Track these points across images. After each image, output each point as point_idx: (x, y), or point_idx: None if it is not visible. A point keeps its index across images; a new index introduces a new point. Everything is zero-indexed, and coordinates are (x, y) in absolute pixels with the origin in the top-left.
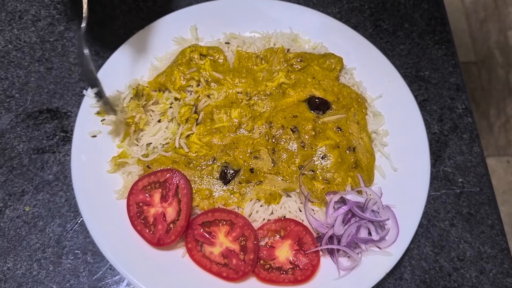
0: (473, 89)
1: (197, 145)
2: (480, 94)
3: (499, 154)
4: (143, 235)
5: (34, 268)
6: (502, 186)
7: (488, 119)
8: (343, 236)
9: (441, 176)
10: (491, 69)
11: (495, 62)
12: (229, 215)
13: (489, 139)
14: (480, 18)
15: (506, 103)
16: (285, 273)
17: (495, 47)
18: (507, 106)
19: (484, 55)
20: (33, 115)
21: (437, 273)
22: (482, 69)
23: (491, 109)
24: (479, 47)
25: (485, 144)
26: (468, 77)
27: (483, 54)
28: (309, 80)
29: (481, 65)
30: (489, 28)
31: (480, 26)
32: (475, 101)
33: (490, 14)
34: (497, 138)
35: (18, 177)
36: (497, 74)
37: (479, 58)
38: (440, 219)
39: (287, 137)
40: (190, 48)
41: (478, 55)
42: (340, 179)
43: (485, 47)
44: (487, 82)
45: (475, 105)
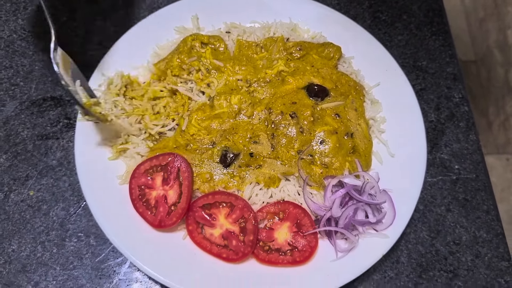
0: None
1: (195, 128)
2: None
3: (498, 152)
4: (145, 217)
5: (38, 250)
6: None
7: (487, 117)
8: (341, 218)
9: (438, 163)
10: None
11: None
12: (229, 197)
13: (488, 137)
14: (480, 17)
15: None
16: (283, 254)
17: (495, 46)
18: (506, 104)
19: (484, 54)
20: (37, 103)
21: (433, 256)
22: (481, 68)
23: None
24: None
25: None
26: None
27: (482, 52)
28: (308, 68)
29: (481, 64)
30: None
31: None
32: (474, 100)
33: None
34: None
35: (23, 162)
36: (496, 73)
37: (479, 57)
38: (437, 205)
39: (286, 123)
40: (192, 37)
41: (478, 54)
42: (338, 164)
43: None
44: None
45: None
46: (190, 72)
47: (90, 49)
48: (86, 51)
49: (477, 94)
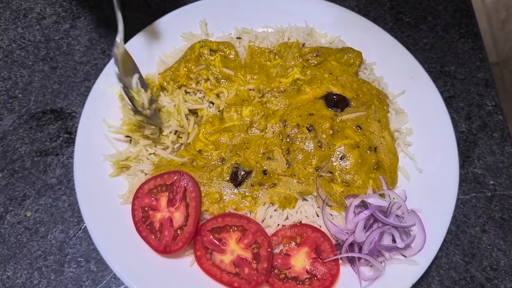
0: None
1: (202, 143)
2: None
3: None
4: (149, 242)
5: (35, 276)
6: None
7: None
8: (365, 244)
9: (471, 178)
10: None
11: None
12: (241, 220)
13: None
14: (502, 18)
15: None
16: (301, 284)
17: None
18: None
19: (507, 56)
20: (36, 116)
21: (468, 284)
22: (504, 70)
23: None
24: (501, 48)
25: None
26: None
27: (505, 55)
28: (326, 76)
29: (503, 66)
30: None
31: (501, 26)
32: None
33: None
34: None
35: (20, 180)
36: None
37: (501, 59)
38: (471, 225)
39: (302, 137)
40: (200, 43)
41: (500, 56)
42: (361, 181)
43: (507, 48)
44: (510, 84)
45: None
46: (198, 82)
47: (93, 58)
48: (89, 60)
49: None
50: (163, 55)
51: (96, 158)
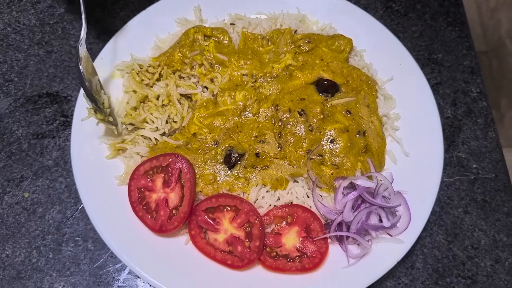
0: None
1: (197, 127)
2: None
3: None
4: (145, 222)
5: (34, 255)
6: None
7: (499, 109)
8: (353, 223)
9: (455, 162)
10: (503, 59)
11: (507, 52)
12: (234, 200)
13: (500, 129)
14: (491, 6)
15: None
16: (292, 261)
17: (507, 36)
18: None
19: (495, 45)
20: (32, 99)
21: (450, 262)
22: (493, 59)
23: (503, 100)
24: (490, 37)
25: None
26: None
27: (494, 43)
28: (317, 62)
29: (492, 55)
30: (500, 17)
31: (491, 15)
32: None
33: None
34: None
35: (17, 162)
36: (508, 64)
37: (490, 48)
38: (454, 206)
39: (294, 121)
40: (194, 29)
41: (489, 44)
42: (350, 164)
43: (496, 37)
44: (498, 72)
45: None
46: (193, 67)
47: (88, 42)
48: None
49: (488, 86)
50: (158, 40)
51: (93, 140)
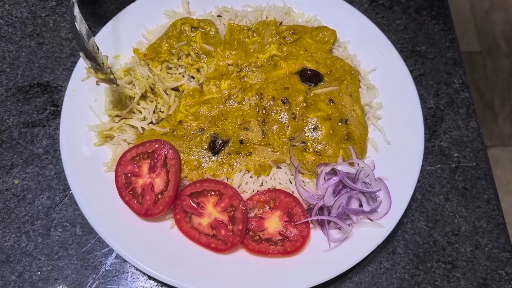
0: (477, 79)
1: (182, 114)
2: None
3: (503, 144)
4: (131, 206)
5: (23, 240)
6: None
7: (493, 109)
8: (334, 207)
9: (437, 150)
10: (496, 59)
11: (500, 52)
12: (218, 185)
13: (494, 129)
14: (485, 7)
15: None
16: (274, 244)
17: (501, 36)
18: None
19: (489, 45)
20: (23, 89)
21: (431, 247)
22: (487, 59)
23: (496, 99)
24: (484, 37)
25: (490, 134)
26: (473, 66)
27: (488, 43)
28: (302, 53)
29: (486, 55)
30: (494, 17)
31: (485, 15)
32: (479, 91)
33: (496, 3)
34: (502, 128)
35: (8, 150)
36: (502, 64)
37: (484, 48)
38: (435, 194)
39: (278, 109)
40: (181, 21)
41: (483, 44)
42: (332, 151)
43: (490, 37)
44: (492, 72)
45: (479, 95)
46: (180, 57)
47: None
48: None
49: (482, 85)
50: (146, 31)
51: (81, 128)
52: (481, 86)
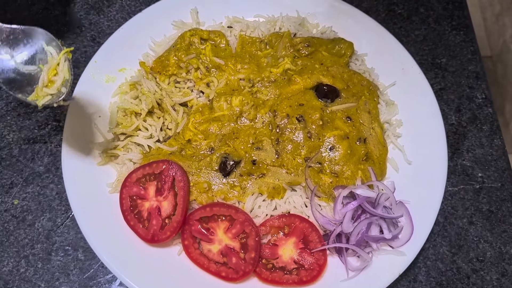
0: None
1: (191, 133)
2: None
3: None
4: (137, 231)
5: (22, 265)
6: None
7: (504, 115)
8: (352, 234)
9: (459, 170)
10: (507, 64)
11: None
12: (229, 210)
13: (505, 135)
14: (496, 12)
15: None
16: (289, 273)
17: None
18: None
19: (500, 50)
20: (24, 103)
21: (454, 275)
22: (497, 64)
23: (507, 105)
24: (494, 42)
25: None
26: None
27: (498, 48)
28: (317, 67)
29: (497, 60)
30: (505, 22)
31: (495, 20)
32: None
33: (506, 7)
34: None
35: (7, 168)
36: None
37: (495, 53)
38: (458, 217)
39: (292, 127)
40: (190, 32)
41: (494, 49)
42: (350, 172)
43: (500, 42)
44: (502, 77)
45: None
46: (189, 71)
47: (83, 45)
48: (79, 48)
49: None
50: (153, 43)
51: (84, 146)
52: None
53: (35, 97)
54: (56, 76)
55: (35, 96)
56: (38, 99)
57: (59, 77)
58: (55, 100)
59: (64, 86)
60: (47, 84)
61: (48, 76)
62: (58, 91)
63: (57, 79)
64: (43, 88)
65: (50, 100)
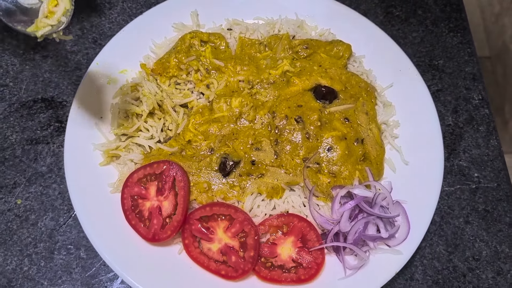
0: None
1: (192, 133)
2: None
3: None
4: (138, 230)
5: (25, 263)
6: None
7: (503, 115)
8: (350, 233)
9: (456, 170)
10: (506, 64)
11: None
12: (228, 209)
13: (504, 135)
14: (495, 12)
15: None
16: (287, 272)
17: (511, 41)
18: None
19: (499, 50)
20: (27, 105)
21: (450, 273)
22: (497, 64)
23: (506, 105)
24: (494, 42)
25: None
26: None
27: (498, 48)
28: (315, 68)
29: (496, 60)
30: (504, 22)
31: (495, 20)
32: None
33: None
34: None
35: (10, 168)
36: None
37: (494, 53)
38: (454, 216)
39: (291, 128)
40: (191, 34)
41: (493, 49)
42: (347, 173)
43: (500, 42)
44: (502, 77)
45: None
46: (189, 73)
47: (84, 47)
48: (80, 50)
49: (492, 91)
50: (154, 45)
51: (86, 147)
52: (491, 91)
53: (34, 29)
54: (57, 7)
55: (34, 27)
56: (37, 30)
57: (60, 7)
58: (54, 30)
59: (64, 16)
60: (47, 15)
61: (49, 6)
62: (58, 21)
63: (57, 10)
64: (42, 18)
65: (50, 31)
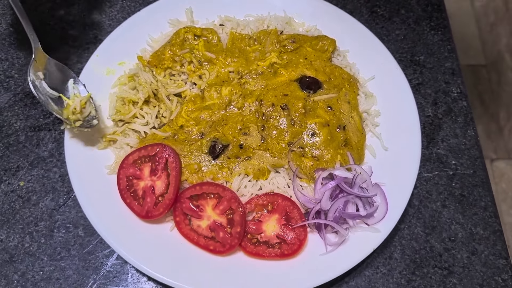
0: (482, 92)
1: (184, 119)
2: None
3: (509, 157)
4: (132, 208)
5: (26, 240)
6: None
7: (498, 122)
8: (330, 211)
9: (434, 158)
10: (501, 72)
11: (505, 65)
12: (217, 188)
13: (499, 142)
14: (490, 21)
15: None
16: (272, 247)
17: (506, 50)
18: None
19: (494, 58)
20: (31, 95)
21: (427, 253)
22: (492, 72)
23: (501, 112)
24: (489, 50)
25: (495, 147)
26: (478, 79)
27: (493, 57)
28: (301, 61)
29: (491, 68)
30: (499, 31)
31: (490, 29)
32: (484, 104)
33: (501, 17)
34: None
35: (14, 153)
36: (507, 77)
37: (489, 61)
38: (432, 200)
39: (277, 115)
40: (185, 29)
41: (488, 58)
42: (329, 156)
43: (495, 50)
44: (497, 85)
45: (484, 108)
46: (183, 64)
47: (86, 42)
48: (82, 44)
49: (487, 98)
50: (150, 39)
51: (86, 132)
52: (486, 99)
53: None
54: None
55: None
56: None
57: (86, 110)
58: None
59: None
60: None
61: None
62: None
63: (84, 111)
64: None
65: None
